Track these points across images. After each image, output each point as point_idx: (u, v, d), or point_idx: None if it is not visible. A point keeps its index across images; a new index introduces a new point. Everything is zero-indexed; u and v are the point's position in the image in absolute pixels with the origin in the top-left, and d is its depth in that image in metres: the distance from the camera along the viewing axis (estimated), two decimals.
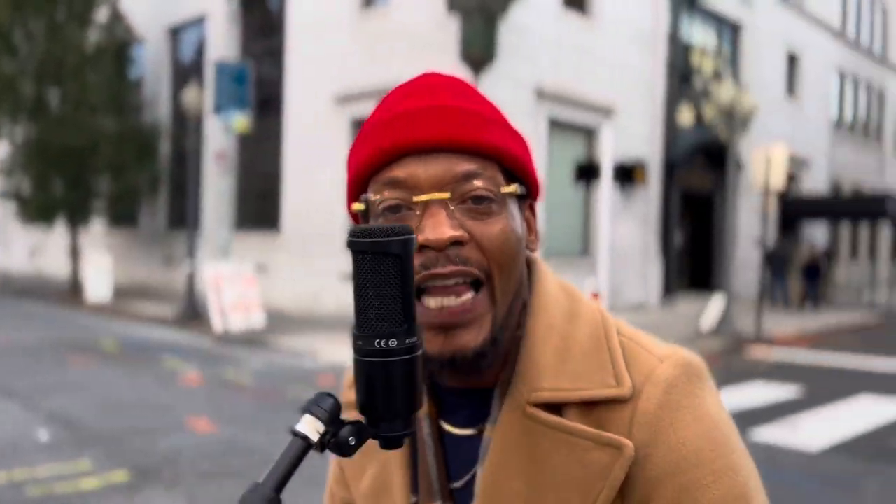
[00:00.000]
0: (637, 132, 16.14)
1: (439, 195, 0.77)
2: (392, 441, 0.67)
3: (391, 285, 0.64)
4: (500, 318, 0.80)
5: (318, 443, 0.65)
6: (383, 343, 0.64)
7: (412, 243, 0.65)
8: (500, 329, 0.81)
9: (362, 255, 0.64)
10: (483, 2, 10.98)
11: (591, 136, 15.23)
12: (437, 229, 0.75)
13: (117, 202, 19.10)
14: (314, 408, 0.66)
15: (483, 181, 0.79)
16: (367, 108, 13.98)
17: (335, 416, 0.66)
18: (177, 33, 19.87)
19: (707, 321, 12.75)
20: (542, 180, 0.89)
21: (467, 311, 0.78)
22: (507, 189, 0.81)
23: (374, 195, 0.80)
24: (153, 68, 20.28)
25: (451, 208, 0.77)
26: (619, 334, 0.85)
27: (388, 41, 13.69)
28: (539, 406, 0.81)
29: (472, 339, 0.78)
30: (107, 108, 17.91)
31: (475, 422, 0.86)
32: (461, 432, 0.87)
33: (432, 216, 0.76)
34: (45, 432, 5.97)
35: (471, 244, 0.78)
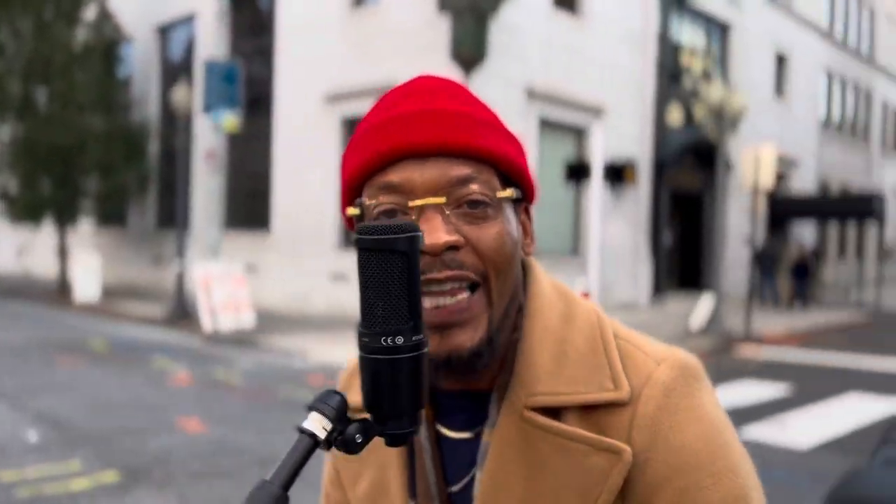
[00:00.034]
0: (627, 132, 16.18)
1: (434, 200, 0.76)
2: (398, 438, 0.67)
3: (397, 283, 0.64)
4: (496, 319, 0.80)
5: (324, 440, 0.64)
6: (390, 340, 0.64)
7: (418, 240, 0.65)
8: (496, 330, 0.80)
9: (369, 253, 0.64)
10: (474, 1, 10.98)
11: (581, 135, 15.26)
12: (433, 234, 0.75)
13: (106, 201, 18.99)
14: (321, 405, 0.65)
15: (478, 185, 0.78)
16: (357, 108, 13.96)
17: (342, 413, 0.66)
18: (166, 32, 19.78)
19: (696, 320, 12.80)
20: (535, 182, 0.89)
21: (463, 310, 0.77)
22: (503, 194, 0.80)
23: (368, 200, 0.80)
24: (142, 67, 20.18)
25: (447, 213, 0.77)
26: (616, 336, 0.85)
27: (379, 40, 13.67)
28: (537, 410, 0.80)
29: (468, 338, 0.78)
30: (95, 107, 17.80)
31: (472, 425, 0.86)
32: (458, 436, 0.87)
33: (428, 221, 0.76)
34: (34, 433, 5.93)
35: (466, 248, 0.77)
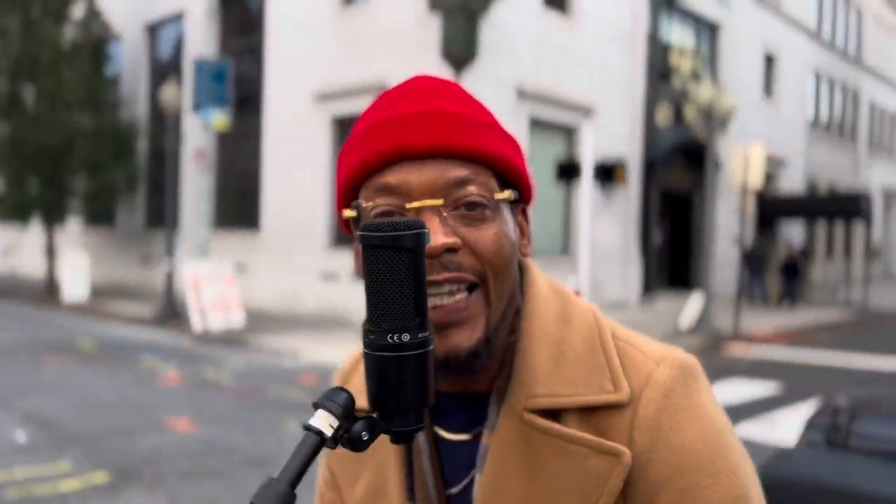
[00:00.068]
0: (617, 132, 16.23)
1: (432, 202, 0.76)
2: (403, 436, 0.66)
3: (403, 280, 0.63)
4: (494, 319, 0.80)
5: (331, 438, 0.64)
6: (396, 337, 0.64)
7: (424, 237, 0.65)
8: (493, 331, 0.80)
9: (374, 250, 0.64)
10: (464, 0, 10.98)
11: (571, 135, 15.29)
12: (431, 236, 0.74)
13: (94, 201, 18.87)
14: (327, 402, 0.65)
15: (476, 187, 0.78)
16: (347, 107, 13.93)
17: (349, 411, 0.65)
18: (154, 30, 19.68)
19: (686, 319, 12.85)
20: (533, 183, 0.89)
21: (461, 310, 0.77)
22: (501, 195, 0.80)
23: (365, 201, 0.79)
24: (130, 65, 20.07)
25: (445, 215, 0.77)
26: (614, 336, 0.85)
27: (369, 39, 13.65)
28: (536, 412, 0.80)
29: (466, 338, 0.77)
30: (83, 106, 17.67)
31: (470, 427, 0.85)
32: (456, 437, 0.86)
33: (426, 223, 0.75)
34: (23, 433, 5.89)
35: (464, 250, 0.77)
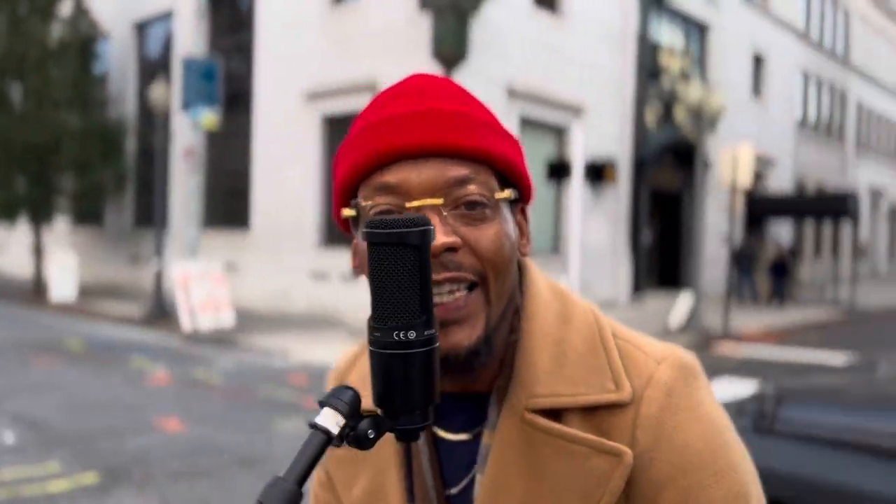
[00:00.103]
0: (607, 131, 16.27)
1: (432, 201, 0.76)
2: (409, 434, 0.66)
3: (409, 277, 0.63)
4: (493, 318, 0.79)
5: (337, 436, 0.63)
6: (402, 335, 0.63)
7: (430, 234, 0.64)
8: (493, 330, 0.80)
9: (380, 247, 0.63)
10: None
11: (561, 134, 15.31)
12: None
13: (82, 200, 18.74)
14: (333, 400, 0.64)
15: (476, 186, 0.77)
16: (338, 106, 13.90)
17: (355, 409, 0.65)
18: (143, 28, 19.57)
19: (675, 318, 12.90)
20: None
21: (460, 307, 0.77)
22: (501, 195, 0.80)
23: (364, 200, 0.79)
24: (119, 64, 19.95)
25: (445, 214, 0.76)
26: (614, 336, 0.85)
27: (360, 38, 13.62)
28: (538, 412, 0.80)
29: (466, 336, 0.77)
30: (71, 104, 17.56)
31: (469, 427, 0.85)
32: (455, 438, 0.86)
33: None
34: (11, 434, 5.84)
35: (464, 249, 0.77)
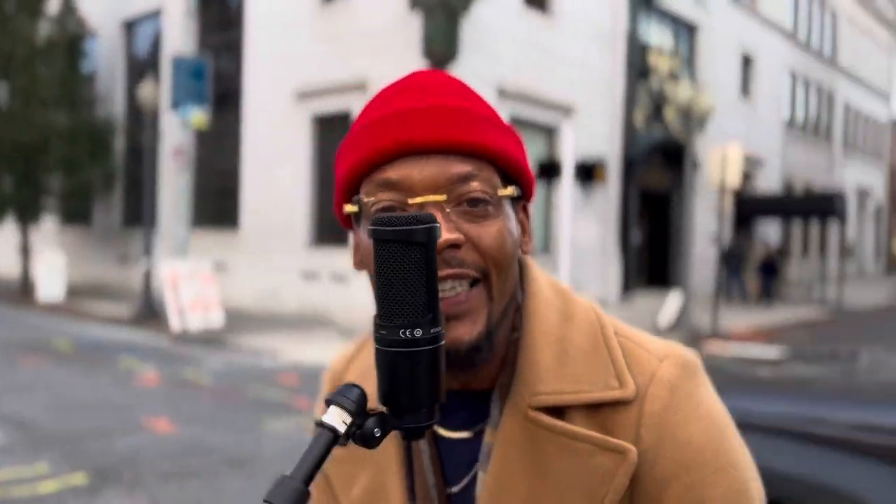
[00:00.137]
0: (597, 131, 16.30)
1: (435, 198, 0.75)
2: (415, 432, 0.66)
3: (415, 274, 0.63)
4: (495, 314, 0.79)
5: (344, 434, 0.63)
6: (408, 333, 0.63)
7: (436, 231, 0.64)
8: (494, 326, 0.79)
9: (386, 245, 0.63)
10: None
11: (551, 134, 15.34)
12: None
13: (70, 199, 18.64)
14: (340, 398, 0.64)
15: (479, 183, 0.77)
16: (328, 105, 13.88)
17: (362, 407, 0.65)
18: (132, 27, 19.47)
19: (665, 317, 12.94)
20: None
21: (461, 302, 0.76)
22: (504, 192, 0.79)
23: (366, 196, 0.79)
24: (107, 62, 19.84)
25: (447, 211, 0.76)
26: (616, 333, 0.85)
27: (350, 37, 13.60)
28: (541, 410, 0.80)
29: (467, 331, 0.77)
30: (59, 103, 17.45)
31: (470, 425, 0.85)
32: (455, 435, 0.86)
33: None
34: None
35: (467, 246, 0.77)
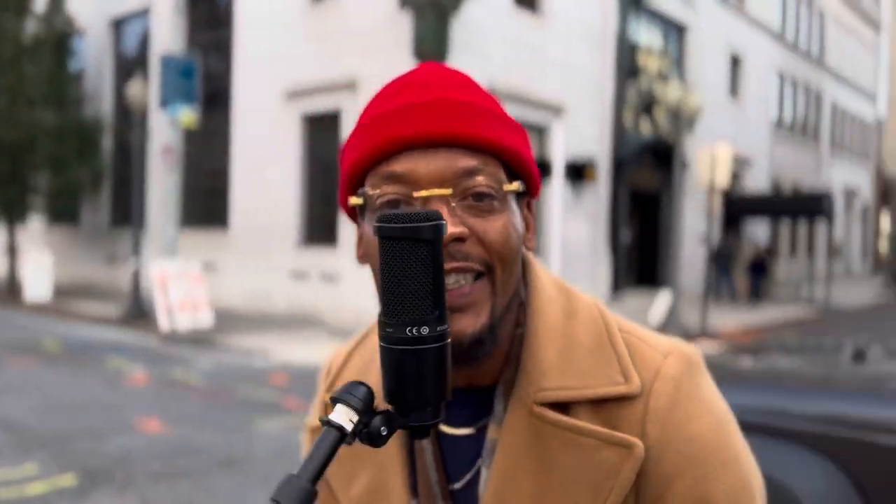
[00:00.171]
0: (587, 131, 16.34)
1: (440, 191, 0.75)
2: (421, 430, 0.65)
3: (422, 272, 0.62)
4: (499, 308, 0.79)
5: (350, 433, 0.63)
6: (415, 331, 0.63)
7: (442, 228, 0.64)
8: (498, 319, 0.79)
9: (392, 242, 0.63)
10: None
11: (542, 134, 15.35)
12: None
13: (57, 198, 18.52)
14: (347, 396, 0.64)
15: (485, 178, 0.77)
16: (318, 104, 13.84)
17: (369, 405, 0.64)
18: (119, 25, 19.35)
19: (654, 316, 12.99)
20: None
21: (465, 294, 0.76)
22: (510, 187, 0.79)
23: (372, 189, 0.78)
24: (95, 61, 19.71)
25: (453, 205, 0.76)
26: (620, 330, 0.85)
27: (340, 36, 13.57)
28: (546, 405, 0.80)
29: (470, 324, 0.77)
30: (46, 102, 17.34)
31: (472, 421, 0.85)
32: (458, 432, 0.86)
33: None
34: None
35: (472, 239, 0.77)
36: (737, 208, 21.43)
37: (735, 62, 23.24)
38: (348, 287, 12.90)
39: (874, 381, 2.97)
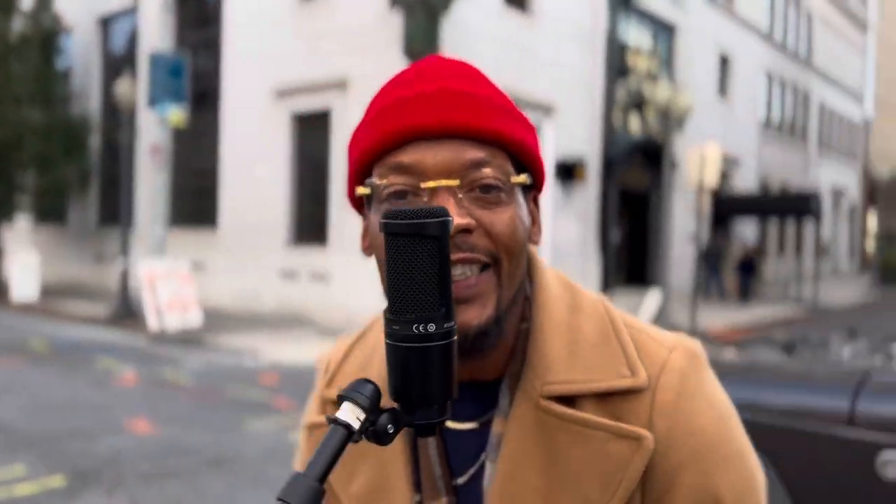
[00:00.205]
0: (577, 131, 16.37)
1: (448, 182, 0.75)
2: (427, 428, 0.65)
3: (429, 268, 0.62)
4: (504, 300, 0.79)
5: (357, 430, 0.62)
6: (421, 328, 0.62)
7: (449, 225, 0.63)
8: (504, 312, 0.79)
9: (398, 238, 0.62)
10: None
11: None
12: None
13: (44, 197, 18.40)
14: (354, 394, 0.63)
15: (492, 170, 0.77)
16: (307, 103, 13.80)
17: (376, 403, 0.64)
18: (107, 23, 19.24)
19: (644, 316, 13.03)
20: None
21: (471, 286, 0.76)
22: (517, 179, 0.79)
23: (379, 179, 0.78)
24: (82, 59, 19.59)
25: (460, 196, 0.76)
26: (626, 325, 0.85)
27: (330, 35, 13.53)
28: (552, 399, 0.80)
29: (476, 315, 0.76)
30: (33, 100, 17.22)
31: (476, 415, 0.85)
32: (461, 427, 0.85)
33: (440, 203, 0.74)
34: None
35: (478, 231, 0.76)
36: (725, 208, 21.54)
37: (724, 62, 23.35)
38: (338, 286, 12.87)
39: (806, 372, 3.08)
